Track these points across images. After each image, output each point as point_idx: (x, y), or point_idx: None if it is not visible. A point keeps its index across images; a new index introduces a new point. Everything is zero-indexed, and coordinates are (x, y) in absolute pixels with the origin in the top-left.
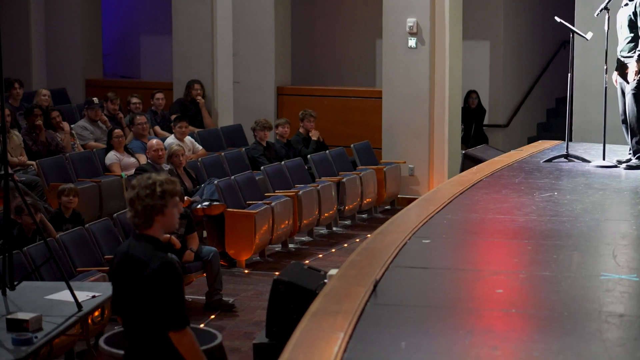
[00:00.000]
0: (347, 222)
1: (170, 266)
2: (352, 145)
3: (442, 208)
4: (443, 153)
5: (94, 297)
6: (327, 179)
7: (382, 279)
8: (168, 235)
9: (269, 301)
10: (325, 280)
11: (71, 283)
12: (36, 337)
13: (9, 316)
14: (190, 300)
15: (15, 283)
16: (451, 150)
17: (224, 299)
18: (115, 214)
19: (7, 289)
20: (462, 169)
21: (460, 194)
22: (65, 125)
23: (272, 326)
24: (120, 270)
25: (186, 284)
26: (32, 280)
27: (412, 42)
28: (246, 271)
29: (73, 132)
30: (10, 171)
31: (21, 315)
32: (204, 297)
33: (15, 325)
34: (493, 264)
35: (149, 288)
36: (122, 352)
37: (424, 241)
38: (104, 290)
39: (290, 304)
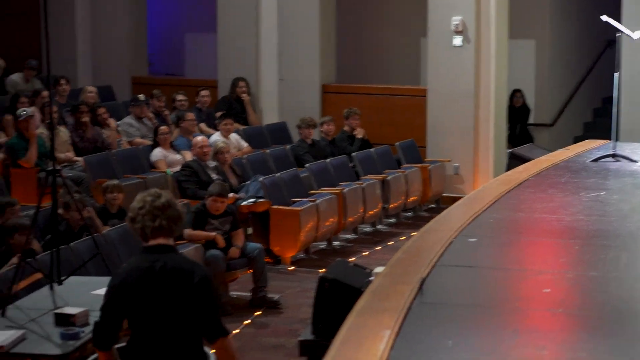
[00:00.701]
0: (392, 220)
1: (208, 274)
2: (396, 144)
3: (488, 207)
4: (488, 152)
5: None
6: (372, 177)
7: (428, 277)
8: (213, 234)
9: (314, 298)
10: (371, 278)
11: None
12: (83, 332)
13: (56, 311)
14: (235, 296)
15: (63, 278)
16: (496, 149)
17: (268, 295)
18: None
19: (55, 284)
20: (508, 168)
21: (506, 193)
22: (112, 122)
23: (318, 323)
24: (152, 285)
25: (231, 280)
26: (79, 275)
27: (457, 40)
28: (291, 268)
29: (119, 129)
30: (57, 167)
31: (68, 310)
32: (249, 294)
33: (62, 320)
34: (539, 263)
35: (196, 296)
36: None
37: (469, 240)
38: None
39: (336, 301)
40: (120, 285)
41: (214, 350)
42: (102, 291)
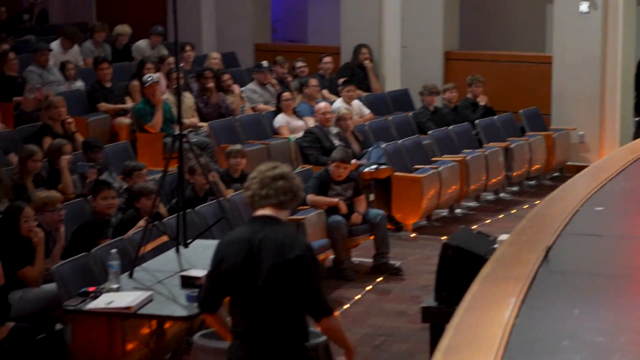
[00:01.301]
0: (515, 189)
1: (313, 249)
2: (520, 111)
3: (615, 176)
4: (614, 120)
5: None
6: (495, 144)
7: (554, 245)
8: (336, 200)
9: (437, 265)
10: (496, 246)
11: None
12: None
13: (182, 273)
14: (357, 262)
15: (189, 241)
16: (623, 117)
17: (390, 262)
18: None
19: (181, 247)
20: (635, 137)
21: (634, 162)
22: (236, 88)
23: (441, 290)
24: (249, 257)
25: (353, 246)
26: (204, 238)
27: (584, 6)
28: (412, 235)
29: (243, 95)
30: (183, 132)
31: (194, 273)
32: (371, 260)
33: (188, 282)
34: None
35: (295, 273)
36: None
37: (596, 209)
38: None
39: (460, 268)
40: (221, 254)
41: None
42: None
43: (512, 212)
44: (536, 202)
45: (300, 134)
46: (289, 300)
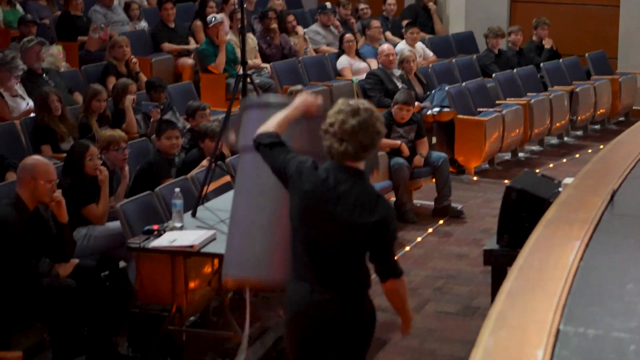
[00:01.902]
0: (579, 133)
1: (393, 211)
2: (586, 55)
3: None
4: None
5: None
6: (560, 88)
7: (620, 189)
8: (399, 142)
9: (500, 208)
10: (560, 189)
11: None
12: None
13: None
14: (418, 205)
15: None
16: None
17: (452, 205)
18: None
19: None
20: None
21: None
22: (299, 29)
23: (504, 233)
24: (329, 207)
25: (415, 189)
26: None
27: None
28: (475, 178)
29: (306, 36)
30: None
31: None
32: (433, 203)
33: None
34: None
35: (375, 236)
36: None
37: None
38: None
39: (523, 211)
40: (292, 177)
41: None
42: None
43: (576, 156)
44: (600, 147)
45: (363, 76)
46: (359, 254)
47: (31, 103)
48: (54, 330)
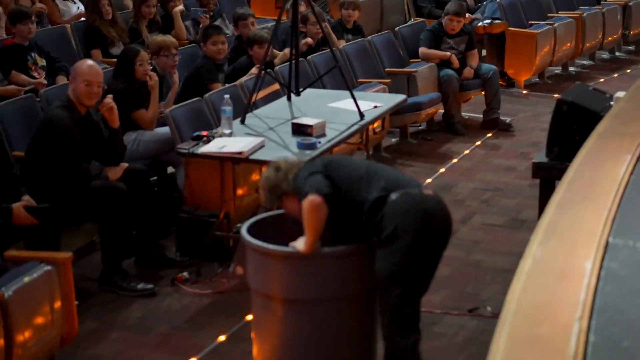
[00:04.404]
0: (631, 48)
1: None
2: None
3: None
4: None
5: (375, 107)
6: (613, 1)
7: None
8: (448, 53)
9: (551, 121)
10: (612, 103)
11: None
12: (319, 142)
13: (294, 120)
14: (467, 117)
15: (301, 89)
16: None
17: (501, 118)
18: (397, 28)
19: (293, 95)
20: None
21: None
22: None
23: (553, 145)
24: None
25: (464, 101)
26: (315, 87)
27: None
28: (524, 92)
29: None
30: None
31: (306, 121)
32: (481, 115)
33: (300, 130)
34: None
35: None
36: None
37: None
38: (385, 101)
39: (573, 124)
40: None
41: None
42: (338, 104)
43: (627, 71)
44: None
45: None
46: None
47: (82, 7)
48: (103, 232)
